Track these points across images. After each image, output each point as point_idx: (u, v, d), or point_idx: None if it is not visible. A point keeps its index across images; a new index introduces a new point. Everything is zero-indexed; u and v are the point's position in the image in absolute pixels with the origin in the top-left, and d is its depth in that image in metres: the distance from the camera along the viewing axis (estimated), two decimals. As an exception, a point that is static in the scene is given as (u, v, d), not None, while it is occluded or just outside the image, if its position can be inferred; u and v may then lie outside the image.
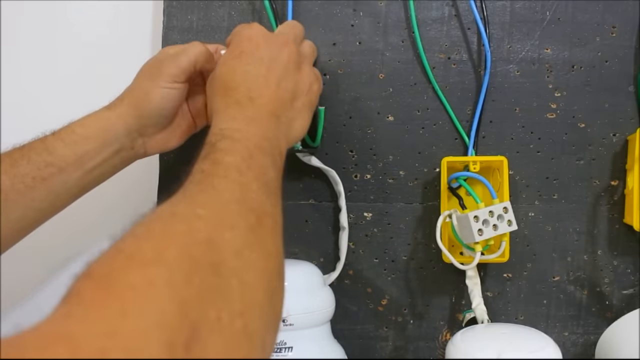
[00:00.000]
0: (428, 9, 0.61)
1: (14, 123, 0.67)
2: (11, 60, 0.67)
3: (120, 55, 0.67)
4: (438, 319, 0.63)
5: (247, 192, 0.36)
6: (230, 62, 0.48)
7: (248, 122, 0.43)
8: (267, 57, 0.48)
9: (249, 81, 0.46)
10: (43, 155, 0.48)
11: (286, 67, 0.48)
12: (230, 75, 0.47)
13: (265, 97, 0.46)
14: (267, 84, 0.47)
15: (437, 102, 0.62)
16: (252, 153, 0.40)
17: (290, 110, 0.48)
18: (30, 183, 0.47)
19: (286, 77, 0.48)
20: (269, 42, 0.49)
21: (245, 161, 0.39)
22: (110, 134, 0.51)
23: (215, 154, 0.39)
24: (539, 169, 0.61)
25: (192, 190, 0.36)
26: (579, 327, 0.62)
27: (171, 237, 0.30)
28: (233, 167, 0.38)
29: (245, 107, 0.45)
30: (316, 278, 0.58)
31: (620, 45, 0.61)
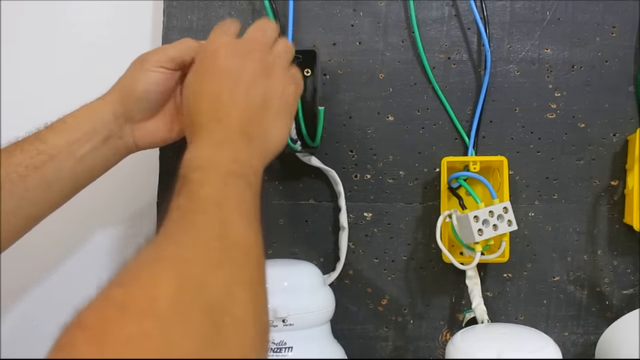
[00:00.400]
0: (428, 9, 0.61)
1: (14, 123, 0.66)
2: (11, 60, 0.67)
3: (120, 55, 0.67)
4: (438, 319, 0.63)
5: (228, 226, 0.36)
6: (195, 83, 0.47)
7: (217, 148, 0.42)
8: (232, 69, 0.46)
9: (215, 101, 0.45)
10: (35, 144, 0.49)
11: (253, 77, 0.46)
12: (196, 99, 0.46)
13: (233, 115, 0.44)
14: (233, 100, 0.45)
15: (437, 102, 0.62)
16: (226, 180, 0.39)
17: (263, 123, 0.46)
18: (23, 172, 0.48)
19: (254, 88, 0.46)
20: (234, 52, 0.47)
21: (221, 191, 0.38)
22: (98, 120, 0.51)
23: (189, 187, 0.38)
24: (539, 169, 0.61)
25: (173, 230, 0.35)
26: (579, 327, 0.62)
27: (161, 284, 0.30)
28: (209, 200, 0.37)
29: (212, 132, 0.43)
30: (316, 278, 0.58)
31: (620, 45, 0.61)
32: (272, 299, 0.53)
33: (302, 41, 0.62)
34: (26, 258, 0.66)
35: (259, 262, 0.36)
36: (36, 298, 0.67)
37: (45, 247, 0.66)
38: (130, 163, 0.58)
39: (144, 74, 0.51)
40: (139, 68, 0.52)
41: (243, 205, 0.38)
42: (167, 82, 0.52)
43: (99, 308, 0.28)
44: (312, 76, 0.59)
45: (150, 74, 0.51)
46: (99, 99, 0.52)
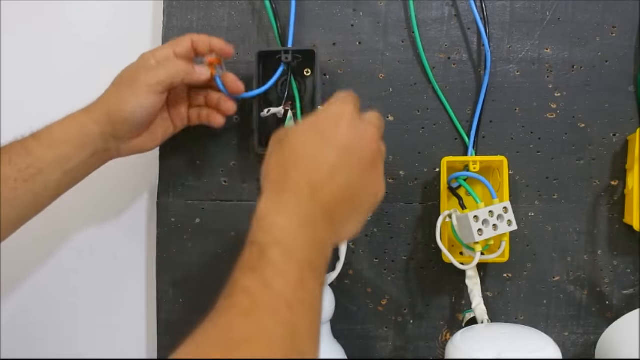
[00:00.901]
0: (428, 9, 0.61)
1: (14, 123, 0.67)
2: (11, 60, 0.67)
3: (120, 55, 0.67)
4: (438, 319, 0.63)
5: (297, 340, 0.33)
6: (304, 135, 0.43)
7: (302, 222, 0.38)
8: (346, 144, 0.42)
9: (316, 166, 0.41)
10: (23, 156, 0.49)
11: (362, 163, 0.43)
12: (298, 151, 0.42)
13: (327, 192, 0.41)
14: (333, 175, 0.41)
15: (437, 102, 0.62)
16: (304, 275, 0.36)
17: (349, 212, 0.43)
18: (12, 185, 0.49)
19: (358, 174, 0.42)
20: (356, 129, 0.43)
21: (296, 291, 0.35)
22: (87, 138, 0.52)
23: (264, 270, 0.35)
24: (539, 169, 0.61)
25: (241, 331, 0.32)
26: (579, 327, 0.62)
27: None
28: (283, 299, 0.34)
29: (302, 199, 0.40)
30: (316, 278, 0.58)
31: (620, 45, 0.61)
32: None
33: (302, 41, 0.62)
34: (26, 258, 0.66)
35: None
36: (36, 298, 0.67)
37: (45, 247, 0.66)
38: (130, 163, 0.59)
39: (132, 98, 0.51)
40: (128, 89, 0.52)
41: (312, 313, 0.36)
42: (156, 105, 0.52)
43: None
44: (312, 76, 0.59)
45: (140, 101, 0.51)
46: (86, 114, 0.52)
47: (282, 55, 0.57)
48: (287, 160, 0.42)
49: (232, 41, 0.62)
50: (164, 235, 0.63)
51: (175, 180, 0.63)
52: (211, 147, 0.62)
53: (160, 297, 0.63)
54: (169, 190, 0.63)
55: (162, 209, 0.63)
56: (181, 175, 0.63)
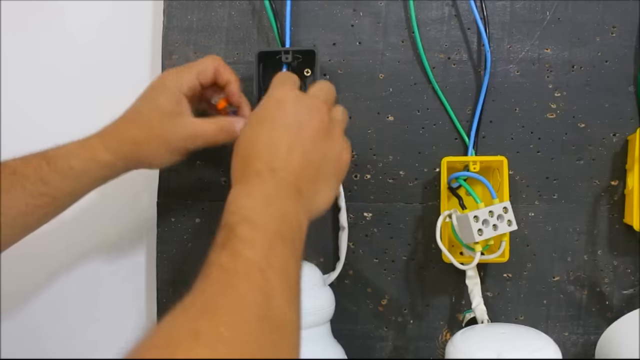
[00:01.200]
0: (428, 9, 0.61)
1: (14, 123, 0.67)
2: (10, 60, 0.67)
3: (121, 55, 0.67)
4: (438, 319, 0.63)
5: (271, 301, 0.34)
6: (255, 127, 0.46)
7: (267, 200, 0.41)
8: (294, 123, 0.45)
9: (271, 149, 0.44)
10: (38, 185, 0.49)
11: (314, 135, 0.45)
12: (252, 142, 0.45)
13: (288, 168, 0.43)
14: (290, 153, 0.43)
15: (437, 102, 0.62)
16: (273, 243, 0.38)
17: (315, 183, 0.45)
18: (23, 209, 0.49)
19: (313, 146, 0.45)
20: (298, 105, 0.46)
21: (267, 258, 0.36)
22: (110, 174, 0.52)
23: (235, 244, 0.37)
24: (539, 169, 0.61)
25: (213, 295, 0.33)
26: (579, 327, 0.62)
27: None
28: (254, 265, 0.36)
29: (265, 180, 0.42)
30: (316, 278, 0.58)
31: (620, 45, 0.61)
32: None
33: (302, 41, 0.62)
34: (25, 258, 0.66)
35: (296, 346, 0.35)
36: (36, 298, 0.67)
37: (45, 247, 0.66)
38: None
39: (170, 157, 0.52)
40: (165, 147, 0.51)
41: (287, 278, 0.37)
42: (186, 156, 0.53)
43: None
44: (312, 76, 0.59)
45: (177, 157, 0.52)
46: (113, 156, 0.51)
47: (282, 55, 0.57)
48: (246, 152, 0.44)
49: (232, 41, 0.62)
50: (164, 235, 0.63)
51: (175, 180, 0.63)
52: (211, 148, 0.62)
53: (160, 297, 0.63)
54: (169, 190, 0.63)
55: (162, 209, 0.63)
56: (181, 175, 0.63)
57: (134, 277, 0.67)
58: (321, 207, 0.46)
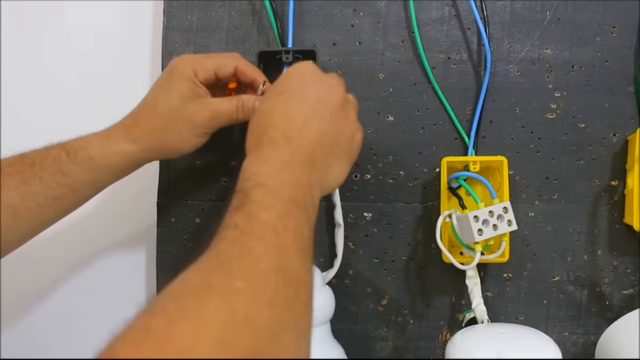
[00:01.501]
0: (428, 9, 0.61)
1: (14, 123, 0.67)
2: (10, 61, 0.67)
3: (121, 55, 0.67)
4: (438, 319, 0.63)
5: (285, 259, 0.34)
6: (272, 99, 0.46)
7: (282, 167, 0.41)
8: (313, 96, 0.46)
9: (288, 119, 0.44)
10: (56, 176, 0.49)
11: (332, 110, 0.46)
12: (269, 113, 0.45)
13: (303, 138, 0.43)
14: (306, 124, 0.44)
15: (437, 102, 0.62)
16: (288, 208, 0.38)
17: (329, 157, 0.45)
18: (42, 201, 0.48)
19: (330, 120, 0.45)
20: (318, 80, 0.47)
21: (282, 219, 0.36)
22: (132, 165, 0.52)
23: (250, 207, 0.37)
24: (539, 169, 0.61)
25: (227, 254, 0.33)
26: (579, 327, 0.62)
27: (207, 319, 0.28)
28: (269, 226, 0.36)
29: (280, 148, 0.42)
30: (316, 278, 0.58)
31: (620, 45, 0.61)
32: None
33: (302, 41, 0.62)
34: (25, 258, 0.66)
35: (308, 303, 0.35)
36: (36, 298, 0.67)
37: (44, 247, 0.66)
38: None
39: (195, 139, 0.52)
40: (187, 129, 0.51)
41: (301, 240, 0.37)
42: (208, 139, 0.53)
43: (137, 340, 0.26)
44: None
45: (200, 139, 0.52)
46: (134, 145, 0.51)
47: (282, 55, 0.57)
48: (262, 122, 0.45)
49: (232, 41, 0.62)
50: (164, 235, 0.63)
51: (175, 180, 0.63)
52: (211, 148, 0.62)
53: (160, 297, 0.63)
54: (169, 190, 0.63)
55: (162, 209, 0.63)
56: (181, 175, 0.63)
57: (134, 277, 0.67)
58: (333, 183, 0.47)
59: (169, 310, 0.28)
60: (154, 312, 0.28)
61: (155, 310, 0.28)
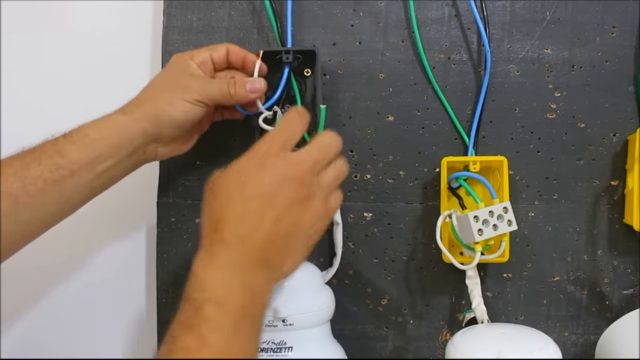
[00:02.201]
0: (428, 9, 0.61)
1: (14, 123, 0.67)
2: (11, 61, 0.67)
3: (121, 55, 0.67)
4: (438, 319, 0.63)
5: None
6: (231, 187, 0.45)
7: (233, 270, 0.41)
8: (269, 192, 0.44)
9: (243, 219, 0.43)
10: (54, 158, 0.48)
11: (288, 205, 0.44)
12: (225, 208, 0.44)
13: (257, 239, 0.43)
14: (261, 224, 0.43)
15: (437, 102, 0.62)
16: (237, 326, 0.39)
17: (284, 250, 0.45)
18: (41, 185, 0.48)
19: (286, 216, 0.44)
20: (278, 173, 0.45)
21: (231, 340, 0.39)
22: (125, 138, 0.51)
23: (201, 328, 0.38)
24: (539, 169, 0.61)
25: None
26: (579, 327, 0.62)
27: None
28: (219, 354, 0.38)
29: (232, 250, 0.42)
30: (316, 278, 0.58)
31: (620, 45, 0.61)
32: (272, 299, 0.53)
33: (302, 41, 0.62)
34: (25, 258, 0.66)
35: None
36: (36, 298, 0.67)
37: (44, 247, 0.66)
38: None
39: (184, 105, 0.51)
40: (179, 95, 0.51)
41: (249, 357, 0.40)
42: (203, 114, 0.53)
43: None
44: (313, 76, 0.59)
45: (191, 106, 0.52)
46: (125, 115, 0.51)
47: (282, 55, 0.57)
48: (216, 214, 0.44)
49: (232, 41, 0.62)
50: (164, 235, 0.63)
51: (175, 180, 0.63)
52: (211, 147, 0.62)
53: (160, 297, 0.63)
54: (169, 190, 0.63)
55: (162, 209, 0.63)
56: (181, 175, 0.63)
57: (134, 277, 0.67)
58: (287, 273, 0.46)
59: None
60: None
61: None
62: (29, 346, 0.67)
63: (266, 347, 0.53)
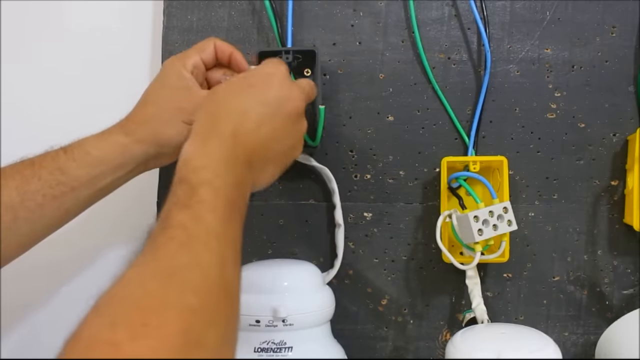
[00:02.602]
0: (428, 9, 0.61)
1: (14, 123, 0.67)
2: (11, 61, 0.67)
3: (121, 55, 0.67)
4: (438, 319, 0.63)
5: (225, 270, 0.37)
6: (236, 89, 0.47)
7: (226, 165, 0.42)
8: (273, 100, 0.46)
9: (243, 119, 0.45)
10: (55, 174, 0.49)
11: (284, 119, 0.47)
12: (228, 103, 0.46)
13: (249, 138, 0.44)
14: (257, 127, 0.45)
15: (437, 102, 0.62)
16: (229, 213, 0.39)
17: (265, 161, 0.46)
18: (40, 200, 0.48)
19: (280, 128, 0.47)
20: (284, 85, 0.48)
21: (224, 225, 0.39)
22: (128, 158, 0.51)
23: (198, 207, 0.38)
24: (539, 169, 0.61)
25: (178, 261, 0.35)
26: (579, 327, 0.62)
27: (168, 339, 0.31)
28: (213, 232, 0.38)
29: (225, 144, 0.43)
30: (316, 278, 0.58)
31: (620, 45, 0.61)
32: (272, 299, 0.53)
33: (302, 41, 0.62)
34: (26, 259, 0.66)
35: (238, 314, 0.38)
36: (36, 298, 0.67)
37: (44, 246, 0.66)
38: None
39: (184, 127, 0.51)
40: (179, 116, 0.51)
41: (236, 246, 0.39)
42: None
43: (105, 354, 0.29)
44: (312, 76, 0.59)
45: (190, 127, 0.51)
46: (126, 136, 0.51)
47: (282, 55, 0.57)
48: (218, 109, 0.45)
49: (232, 41, 0.62)
50: (164, 235, 0.63)
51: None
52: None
53: (160, 297, 0.63)
54: (168, 191, 0.63)
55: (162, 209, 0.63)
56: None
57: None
58: (262, 183, 0.48)
59: (132, 325, 0.30)
60: (116, 322, 0.31)
61: (118, 320, 0.31)
62: (29, 346, 0.67)
63: (266, 347, 0.53)
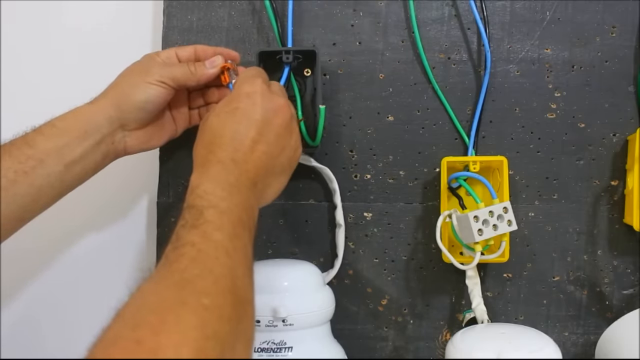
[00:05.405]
0: (428, 9, 0.61)
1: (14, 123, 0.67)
2: (11, 61, 0.67)
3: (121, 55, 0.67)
4: (438, 319, 0.63)
5: (236, 280, 0.38)
6: (223, 115, 0.48)
7: (231, 190, 0.43)
8: (261, 118, 0.48)
9: (238, 142, 0.46)
10: (23, 149, 0.49)
11: (277, 131, 0.48)
12: (220, 131, 0.47)
13: (249, 162, 0.46)
14: (252, 148, 0.47)
15: (437, 102, 0.62)
16: (237, 231, 0.41)
17: (269, 176, 0.48)
18: (12, 177, 0.48)
19: (275, 142, 0.48)
20: (267, 101, 0.49)
21: (232, 241, 0.40)
22: (91, 126, 0.52)
23: (205, 227, 0.40)
24: (539, 169, 0.61)
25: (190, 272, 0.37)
26: (579, 327, 0.62)
27: (187, 333, 0.32)
28: (222, 248, 0.39)
29: (227, 170, 0.45)
30: (316, 278, 0.58)
31: (620, 45, 0.61)
32: (272, 299, 0.53)
33: (302, 41, 0.62)
34: (26, 258, 0.66)
35: (253, 317, 0.40)
36: (36, 298, 0.67)
37: (45, 246, 0.66)
38: (130, 163, 0.59)
39: (146, 86, 0.53)
40: (141, 78, 0.53)
41: (246, 260, 0.41)
42: (166, 96, 0.54)
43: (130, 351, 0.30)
44: (312, 76, 0.59)
45: (153, 87, 0.53)
46: (91, 104, 0.53)
47: (282, 55, 0.57)
48: (212, 140, 0.47)
49: (232, 41, 0.62)
50: (164, 235, 0.63)
51: (175, 180, 0.63)
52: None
53: (160, 297, 0.63)
54: (169, 190, 0.63)
55: (162, 209, 0.63)
56: (181, 175, 0.63)
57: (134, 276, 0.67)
58: (269, 198, 0.50)
59: (153, 324, 0.32)
60: (138, 323, 0.33)
61: (139, 322, 0.33)
62: (28, 346, 0.67)
63: (266, 347, 0.53)
